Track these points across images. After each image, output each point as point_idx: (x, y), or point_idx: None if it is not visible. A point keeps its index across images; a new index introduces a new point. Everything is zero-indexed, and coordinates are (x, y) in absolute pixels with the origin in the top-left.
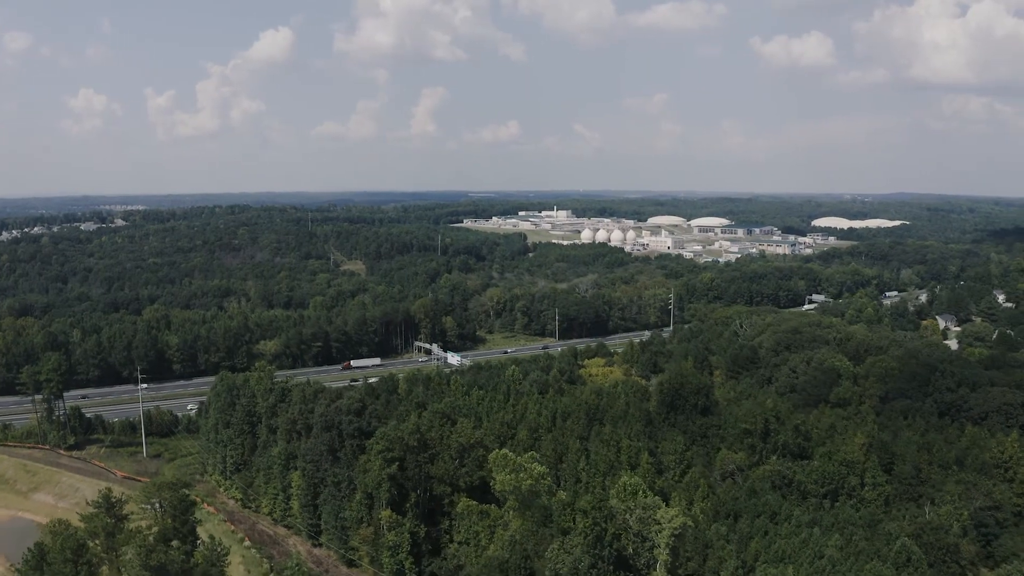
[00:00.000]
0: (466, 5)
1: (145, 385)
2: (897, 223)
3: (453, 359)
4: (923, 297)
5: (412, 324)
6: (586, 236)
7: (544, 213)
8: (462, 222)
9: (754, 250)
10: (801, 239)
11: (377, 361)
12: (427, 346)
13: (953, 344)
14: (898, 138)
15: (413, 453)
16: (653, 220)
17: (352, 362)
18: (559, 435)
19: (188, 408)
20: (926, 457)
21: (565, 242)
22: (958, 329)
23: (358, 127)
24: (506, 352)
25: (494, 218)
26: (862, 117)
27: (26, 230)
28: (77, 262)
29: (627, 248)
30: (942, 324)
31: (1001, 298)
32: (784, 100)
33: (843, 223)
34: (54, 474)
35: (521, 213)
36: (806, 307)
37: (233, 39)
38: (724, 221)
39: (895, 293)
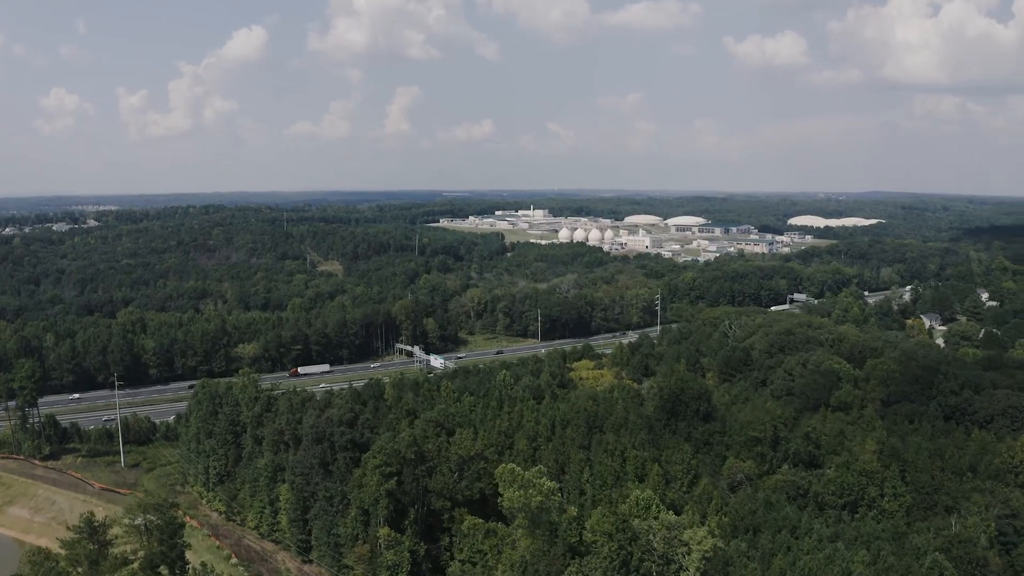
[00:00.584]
0: (440, 4)
1: (121, 390)
2: (873, 222)
3: (436, 361)
4: (907, 296)
5: (393, 326)
6: (564, 235)
7: (521, 213)
8: (438, 222)
9: (732, 249)
10: (778, 238)
11: (326, 368)
12: (409, 348)
13: (939, 343)
14: (871, 137)
15: (410, 466)
16: (630, 219)
17: (299, 369)
18: (559, 444)
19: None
20: (938, 463)
21: (543, 242)
22: (943, 328)
23: (332, 126)
24: (501, 352)
25: (471, 217)
26: (836, 116)
27: None
28: (50, 263)
29: (605, 247)
30: (927, 323)
31: (984, 296)
32: (758, 99)
33: (819, 222)
34: (29, 486)
35: (498, 212)
36: (789, 306)
37: (206, 38)
38: (701, 220)
39: (867, 292)
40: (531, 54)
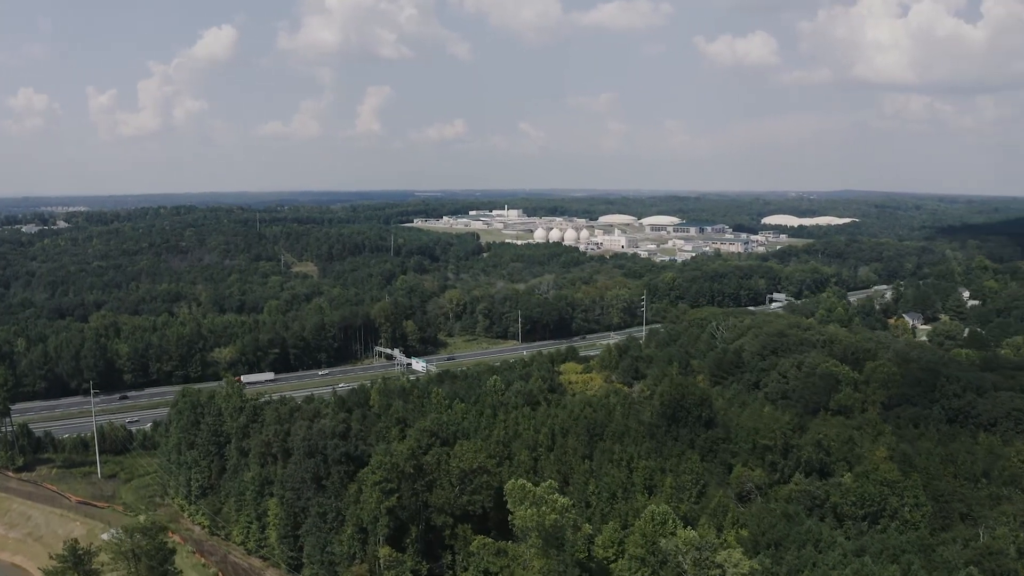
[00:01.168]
0: (412, 3)
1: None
2: (847, 221)
3: (418, 365)
4: (888, 295)
5: (372, 328)
6: (539, 235)
7: (495, 212)
8: (412, 222)
9: (708, 248)
10: (753, 237)
11: (270, 376)
12: (389, 351)
13: (923, 343)
14: (841, 137)
15: (408, 481)
16: (604, 219)
17: (243, 377)
18: (560, 454)
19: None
20: (951, 470)
21: (519, 242)
22: (926, 328)
23: (302, 126)
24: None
25: (445, 217)
26: (806, 116)
27: None
28: (19, 266)
29: (581, 247)
30: (909, 323)
31: (966, 296)
32: (729, 99)
33: (793, 221)
34: (3, 500)
35: (472, 212)
36: (769, 306)
37: (176, 37)
38: (675, 220)
39: (846, 291)
40: (503, 54)
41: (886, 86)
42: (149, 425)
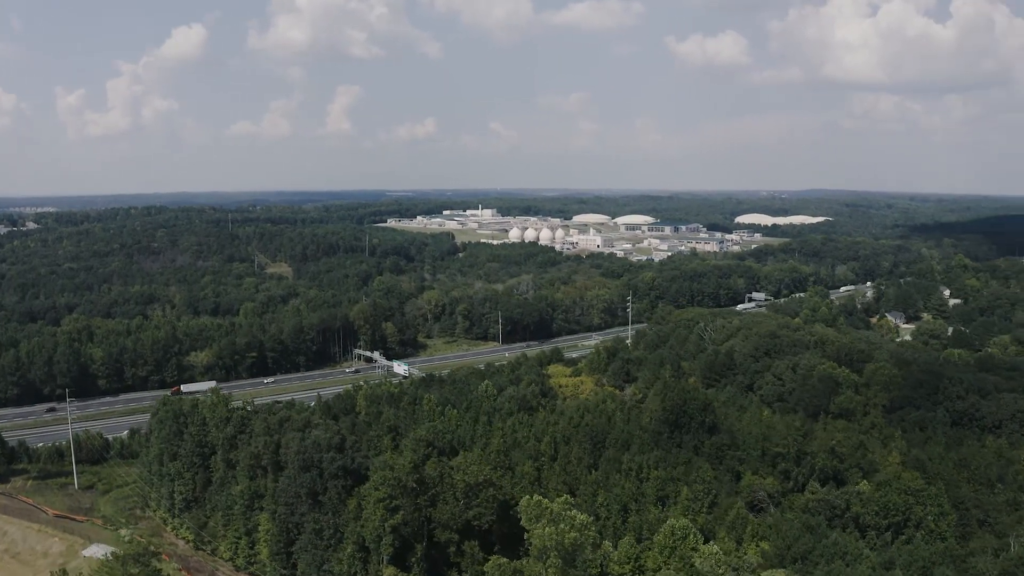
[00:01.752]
0: (382, 2)
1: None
2: (820, 219)
3: (399, 368)
4: (869, 294)
5: (351, 331)
6: (514, 235)
7: (469, 212)
8: (386, 222)
9: (683, 248)
10: (728, 236)
11: (212, 384)
12: (368, 354)
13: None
14: (812, 136)
15: (411, 495)
16: (579, 218)
17: (183, 387)
18: (564, 464)
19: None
20: (965, 475)
21: (495, 241)
22: (909, 327)
23: (273, 126)
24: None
25: (419, 217)
26: (776, 115)
27: None
28: None
29: (557, 247)
30: (893, 322)
31: (946, 294)
32: (700, 98)
33: (766, 220)
34: None
35: (446, 212)
36: (751, 305)
37: (145, 36)
38: (650, 219)
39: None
40: (474, 53)
41: (856, 85)
42: (126, 433)
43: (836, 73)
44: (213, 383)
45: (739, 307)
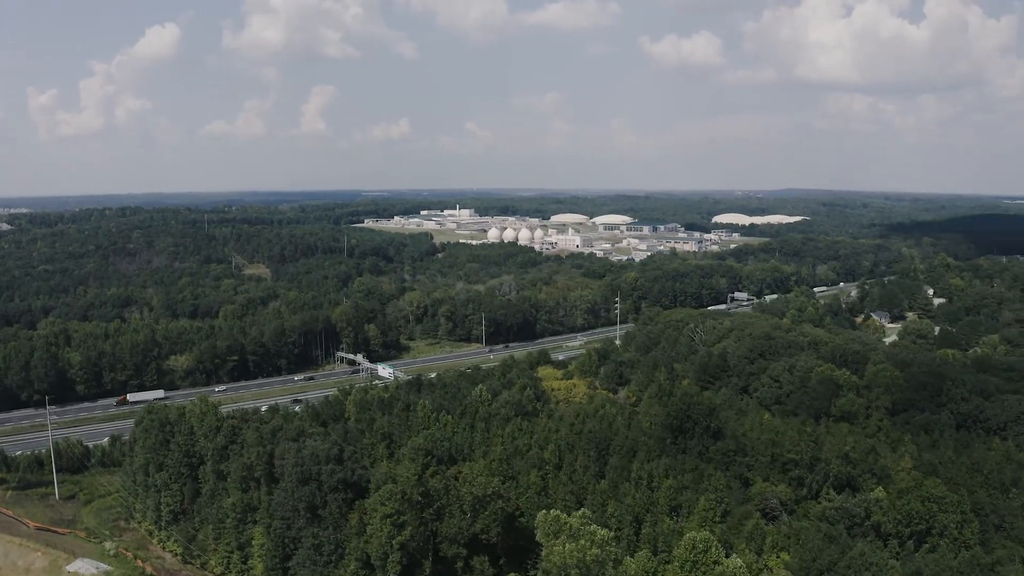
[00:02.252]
0: (357, 2)
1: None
2: (797, 219)
3: (384, 371)
4: (853, 293)
5: (333, 333)
6: (493, 235)
7: (447, 212)
8: (363, 222)
9: (663, 247)
10: (706, 236)
11: (160, 394)
12: (351, 357)
13: (893, 341)
14: (786, 136)
15: (416, 509)
16: (557, 218)
17: (129, 396)
18: (570, 473)
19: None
20: (979, 479)
21: (474, 242)
22: (894, 326)
23: (247, 126)
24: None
25: (396, 217)
26: (751, 115)
27: None
28: None
29: (536, 247)
30: (878, 322)
31: (930, 293)
32: (674, 99)
33: (744, 219)
34: None
35: (423, 212)
36: (733, 305)
37: (118, 36)
38: (628, 219)
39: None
40: (449, 53)
41: (830, 86)
42: (106, 440)
43: (810, 74)
44: (161, 392)
45: (722, 307)
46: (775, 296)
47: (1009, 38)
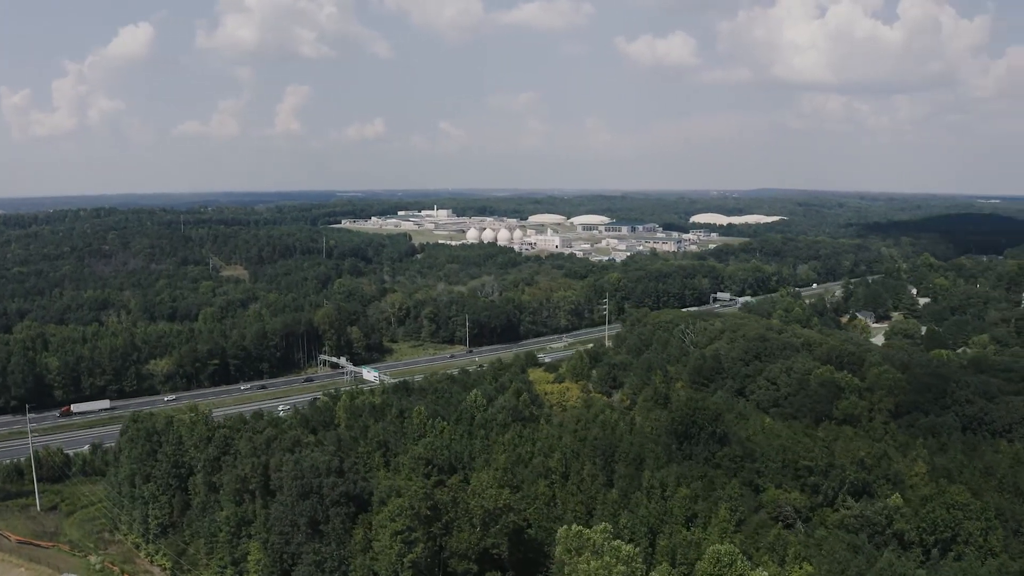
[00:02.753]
0: (332, 2)
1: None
2: (775, 219)
3: (369, 374)
4: (838, 293)
5: (315, 336)
6: (472, 236)
7: (425, 213)
8: (341, 222)
9: (642, 248)
10: (685, 236)
11: (106, 404)
12: (335, 360)
13: (879, 341)
14: (761, 136)
15: (424, 524)
16: (534, 218)
17: (72, 407)
18: (578, 482)
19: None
20: (993, 483)
21: (453, 242)
22: (880, 326)
23: (221, 126)
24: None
25: (374, 218)
26: (726, 115)
27: None
28: None
29: (516, 247)
30: (864, 321)
31: (914, 292)
32: (650, 98)
33: (722, 219)
34: None
35: (401, 213)
36: (715, 305)
37: (91, 35)
38: (605, 219)
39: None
40: (423, 52)
41: (804, 86)
42: (87, 448)
43: (785, 74)
44: (107, 402)
45: (706, 307)
46: (757, 297)
47: (982, 38)
